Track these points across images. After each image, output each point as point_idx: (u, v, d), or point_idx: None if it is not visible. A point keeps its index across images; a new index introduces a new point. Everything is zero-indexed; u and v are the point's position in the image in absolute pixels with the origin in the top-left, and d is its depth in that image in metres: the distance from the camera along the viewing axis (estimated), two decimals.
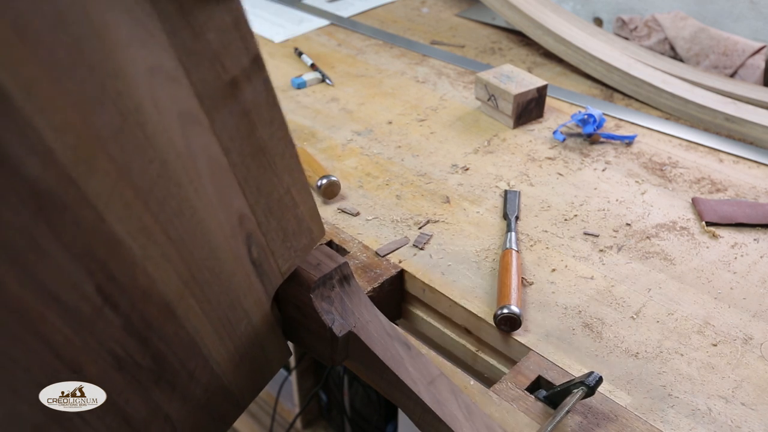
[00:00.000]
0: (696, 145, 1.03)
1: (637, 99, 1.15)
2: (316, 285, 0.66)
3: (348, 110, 1.12)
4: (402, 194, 0.92)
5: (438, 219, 0.87)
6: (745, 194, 0.92)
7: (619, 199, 0.91)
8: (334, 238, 0.83)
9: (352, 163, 0.99)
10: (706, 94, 1.10)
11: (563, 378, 0.65)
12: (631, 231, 0.85)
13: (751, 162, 0.99)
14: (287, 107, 1.13)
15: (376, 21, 1.45)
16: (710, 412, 0.63)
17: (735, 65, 1.17)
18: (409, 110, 1.12)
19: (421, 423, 0.62)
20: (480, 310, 0.73)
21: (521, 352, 0.70)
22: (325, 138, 1.05)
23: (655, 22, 1.25)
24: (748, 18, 1.19)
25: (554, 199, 0.91)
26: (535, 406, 0.63)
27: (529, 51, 1.31)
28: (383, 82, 1.21)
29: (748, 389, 0.65)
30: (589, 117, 1.02)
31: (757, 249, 0.82)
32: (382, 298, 0.76)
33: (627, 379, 0.66)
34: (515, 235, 0.81)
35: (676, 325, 0.72)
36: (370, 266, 0.79)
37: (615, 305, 0.74)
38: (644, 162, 0.99)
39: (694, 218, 0.88)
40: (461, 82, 1.20)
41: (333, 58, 1.29)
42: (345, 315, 0.67)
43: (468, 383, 0.65)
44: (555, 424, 0.58)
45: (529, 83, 1.06)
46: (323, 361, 0.69)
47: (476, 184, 0.94)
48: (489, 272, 0.78)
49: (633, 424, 0.62)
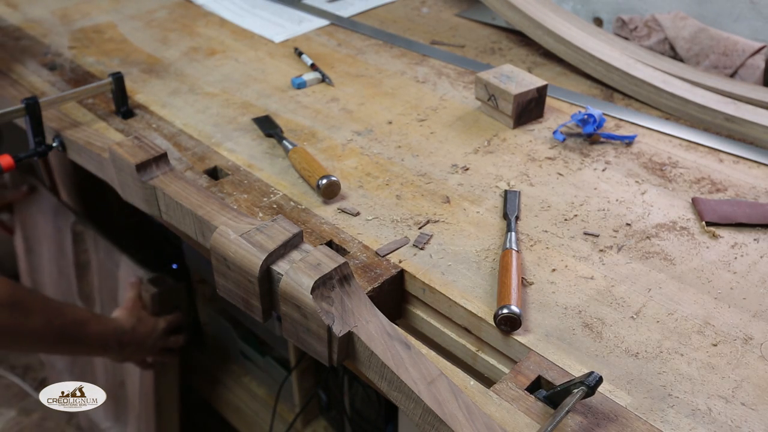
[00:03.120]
0: (696, 145, 1.03)
1: (637, 99, 1.15)
2: (316, 285, 0.66)
3: (348, 110, 1.12)
4: (402, 194, 0.92)
5: (438, 219, 0.87)
6: (745, 194, 0.92)
7: (619, 199, 0.91)
8: (334, 238, 0.83)
9: (352, 163, 0.98)
10: (706, 94, 1.10)
11: (563, 378, 0.65)
12: (631, 231, 0.85)
13: (751, 162, 0.99)
14: (287, 107, 1.13)
15: (376, 21, 1.45)
16: (710, 412, 0.63)
17: (735, 65, 1.17)
18: (409, 110, 1.12)
19: (421, 423, 0.62)
20: (480, 310, 0.73)
21: (521, 352, 0.70)
22: (325, 138, 1.05)
23: (655, 22, 1.25)
24: (748, 18, 1.19)
25: (554, 199, 0.91)
26: (535, 406, 0.63)
27: (529, 51, 1.31)
28: (383, 82, 1.21)
29: (748, 389, 0.65)
30: (589, 117, 1.02)
31: (757, 249, 0.82)
32: (382, 298, 0.76)
33: (627, 379, 0.66)
34: (515, 235, 0.81)
35: (676, 325, 0.72)
36: (370, 266, 0.79)
37: (615, 305, 0.74)
38: (644, 162, 0.99)
39: (694, 218, 0.88)
40: (461, 82, 1.20)
41: (333, 58, 1.29)
42: (345, 315, 0.67)
43: (468, 383, 0.65)
44: (555, 424, 0.58)
45: (529, 83, 1.06)
46: (323, 361, 0.69)
47: (476, 184, 0.94)
48: (489, 272, 0.78)
49: (633, 424, 0.62)
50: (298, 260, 0.69)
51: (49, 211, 1.66)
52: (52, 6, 1.51)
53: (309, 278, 0.66)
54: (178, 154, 1.00)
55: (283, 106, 1.14)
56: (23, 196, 1.64)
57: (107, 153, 0.92)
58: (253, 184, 0.94)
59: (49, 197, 1.66)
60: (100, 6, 1.52)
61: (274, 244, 0.71)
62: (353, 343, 0.67)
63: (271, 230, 0.73)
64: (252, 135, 1.05)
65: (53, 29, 1.40)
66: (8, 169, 0.97)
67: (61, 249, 1.66)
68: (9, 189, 1.65)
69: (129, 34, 1.39)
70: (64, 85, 1.19)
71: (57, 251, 1.67)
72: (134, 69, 1.25)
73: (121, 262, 1.50)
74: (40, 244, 1.73)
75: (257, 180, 0.94)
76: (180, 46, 1.34)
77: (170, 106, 1.13)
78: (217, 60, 1.28)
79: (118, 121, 1.09)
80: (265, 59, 1.29)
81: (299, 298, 0.67)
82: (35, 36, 1.37)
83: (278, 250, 0.71)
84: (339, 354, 0.68)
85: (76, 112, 1.10)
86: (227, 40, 1.37)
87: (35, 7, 1.50)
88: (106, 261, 1.55)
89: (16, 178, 1.67)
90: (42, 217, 1.68)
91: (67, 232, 1.61)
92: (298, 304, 0.67)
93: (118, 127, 1.07)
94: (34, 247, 1.76)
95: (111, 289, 1.56)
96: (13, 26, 1.42)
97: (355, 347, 0.68)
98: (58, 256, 1.68)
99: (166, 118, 1.09)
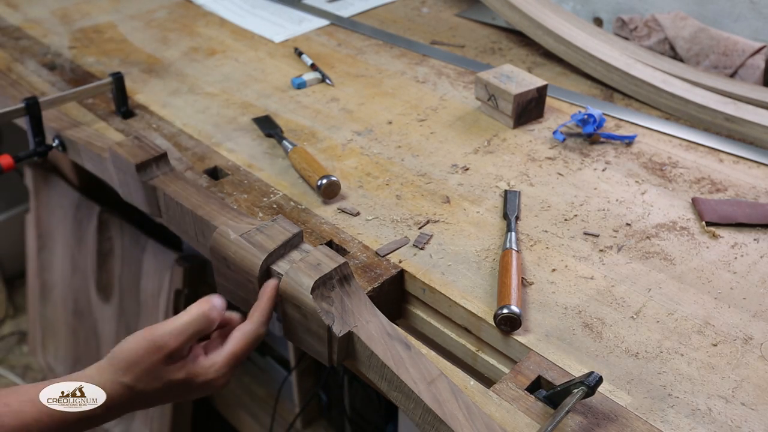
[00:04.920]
0: (696, 145, 1.03)
1: (637, 99, 1.14)
2: (316, 285, 0.66)
3: (348, 110, 1.12)
4: (402, 194, 0.92)
5: (438, 219, 0.87)
6: (745, 194, 0.92)
7: (619, 199, 0.91)
8: (334, 238, 0.83)
9: (352, 163, 0.98)
10: (706, 94, 1.10)
11: (563, 378, 0.65)
12: (631, 231, 0.85)
13: (751, 162, 0.99)
14: (287, 107, 1.13)
15: (376, 21, 1.45)
16: (710, 412, 0.63)
17: (735, 65, 1.17)
18: (409, 110, 1.12)
19: (422, 423, 0.62)
20: (480, 310, 0.73)
21: (521, 352, 0.70)
22: (325, 138, 1.05)
23: (655, 22, 1.25)
24: (748, 18, 1.19)
25: (554, 199, 0.91)
26: (535, 406, 0.63)
27: (529, 51, 1.31)
28: (383, 82, 1.21)
29: (748, 389, 0.65)
30: (589, 117, 1.02)
31: (757, 249, 0.82)
32: (382, 298, 0.76)
33: (627, 379, 0.66)
34: (515, 235, 0.81)
35: (676, 325, 0.72)
36: (370, 266, 0.79)
37: (615, 305, 0.74)
38: (644, 162, 0.99)
39: (694, 218, 0.88)
40: (461, 82, 1.20)
41: (333, 58, 1.29)
42: (345, 315, 0.67)
43: (468, 383, 0.65)
44: (555, 424, 0.58)
45: (529, 83, 1.06)
46: (323, 361, 0.69)
47: (476, 184, 0.94)
48: (489, 272, 0.78)
49: (633, 424, 0.62)
50: (298, 260, 0.69)
51: (69, 205, 1.67)
52: (52, 6, 1.51)
53: (309, 278, 0.66)
54: (178, 154, 1.00)
55: (283, 106, 1.13)
56: None
57: (107, 153, 0.92)
58: (253, 184, 0.94)
59: (69, 191, 1.67)
60: (100, 6, 1.52)
61: (274, 244, 0.71)
62: (353, 343, 0.67)
63: (271, 230, 0.73)
64: (252, 135, 1.05)
65: (53, 29, 1.40)
66: (8, 169, 0.97)
67: (80, 242, 1.66)
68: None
69: (129, 34, 1.39)
70: (64, 85, 1.19)
71: (74, 245, 1.68)
72: (134, 69, 1.25)
73: (147, 246, 1.52)
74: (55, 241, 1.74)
75: (257, 180, 0.94)
76: (180, 46, 1.34)
77: (170, 106, 1.13)
78: (217, 60, 1.28)
79: (118, 121, 1.09)
80: (265, 59, 1.29)
81: (299, 298, 0.67)
82: (35, 36, 1.37)
83: (278, 250, 0.71)
84: (339, 354, 0.68)
85: (76, 112, 1.10)
86: (227, 40, 1.37)
87: (35, 7, 1.50)
88: (131, 246, 1.56)
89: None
90: (61, 211, 1.70)
91: (91, 221, 1.62)
92: (298, 304, 0.67)
93: (118, 127, 1.07)
94: (47, 243, 1.77)
95: (134, 274, 1.57)
96: (13, 26, 1.42)
97: (355, 347, 0.68)
98: (74, 251, 1.69)
99: (166, 118, 1.09)
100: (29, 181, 1.78)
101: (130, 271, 1.58)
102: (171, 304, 1.49)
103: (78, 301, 1.72)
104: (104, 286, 1.65)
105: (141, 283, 1.55)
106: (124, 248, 1.59)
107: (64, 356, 1.82)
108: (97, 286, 1.65)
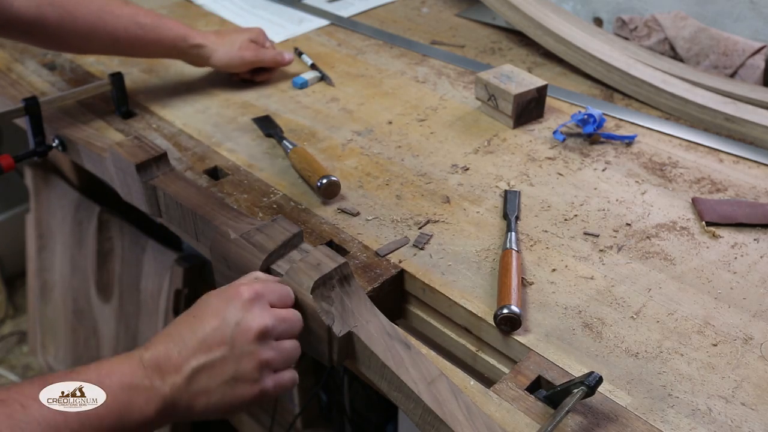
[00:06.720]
0: (696, 145, 1.03)
1: (637, 99, 1.14)
2: (316, 285, 0.66)
3: (348, 110, 1.12)
4: (402, 194, 0.92)
5: (438, 219, 0.87)
6: (745, 194, 0.92)
7: (619, 199, 0.91)
8: (334, 238, 0.83)
9: (352, 163, 0.98)
10: (706, 94, 1.10)
11: (563, 378, 0.65)
12: (631, 231, 0.85)
13: (751, 162, 0.99)
14: (287, 107, 1.13)
15: (376, 21, 1.45)
16: (710, 412, 0.63)
17: (735, 65, 1.17)
18: (409, 110, 1.12)
19: (422, 423, 0.62)
20: (480, 310, 0.73)
21: (521, 352, 0.70)
22: (325, 138, 1.05)
23: (655, 22, 1.25)
24: (748, 18, 1.19)
25: (554, 199, 0.91)
26: (535, 406, 0.63)
27: (529, 51, 1.31)
28: (383, 82, 1.21)
29: (748, 389, 0.65)
30: (589, 117, 1.02)
31: (757, 249, 0.82)
32: (382, 298, 0.76)
33: (627, 379, 0.66)
34: (515, 235, 0.81)
35: (676, 325, 0.72)
36: (370, 266, 0.79)
37: (615, 305, 0.74)
38: (644, 162, 0.99)
39: (694, 218, 0.88)
40: (461, 82, 1.20)
41: (333, 58, 1.29)
42: (345, 315, 0.67)
43: (468, 383, 0.65)
44: (555, 424, 0.58)
45: (529, 83, 1.06)
46: (323, 361, 0.69)
47: (476, 184, 0.94)
48: (489, 272, 0.78)
49: (633, 424, 0.62)
50: (298, 260, 0.69)
51: (69, 205, 1.67)
52: None
53: (309, 278, 0.66)
54: (178, 154, 1.00)
55: (283, 106, 1.13)
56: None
57: (107, 153, 0.92)
58: (253, 184, 0.94)
59: (69, 191, 1.67)
60: None
61: (274, 244, 0.71)
62: (353, 343, 0.67)
63: (271, 230, 0.73)
64: (252, 135, 1.05)
65: None
66: (8, 169, 0.97)
67: (80, 242, 1.66)
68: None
69: None
70: (64, 85, 1.19)
71: (74, 245, 1.68)
72: (134, 69, 1.25)
73: (147, 246, 1.51)
74: (55, 241, 1.74)
75: (257, 180, 0.94)
76: None
77: (170, 106, 1.13)
78: None
79: (118, 121, 1.09)
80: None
81: (299, 298, 0.67)
82: None
83: (278, 250, 0.71)
84: (339, 354, 0.68)
85: (76, 112, 1.10)
86: None
87: None
88: (132, 246, 1.56)
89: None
90: (61, 211, 1.70)
91: (91, 222, 1.62)
92: (298, 304, 0.67)
93: (118, 127, 1.07)
94: (47, 243, 1.77)
95: (133, 274, 1.57)
96: None
97: (355, 347, 0.68)
98: (74, 251, 1.69)
99: (166, 118, 1.09)
100: (29, 181, 1.78)
101: (130, 271, 1.58)
102: (171, 304, 1.49)
103: (78, 301, 1.72)
104: (104, 286, 1.65)
105: (141, 283, 1.55)
106: (124, 248, 1.59)
107: (64, 356, 1.82)
108: (97, 286, 1.65)
